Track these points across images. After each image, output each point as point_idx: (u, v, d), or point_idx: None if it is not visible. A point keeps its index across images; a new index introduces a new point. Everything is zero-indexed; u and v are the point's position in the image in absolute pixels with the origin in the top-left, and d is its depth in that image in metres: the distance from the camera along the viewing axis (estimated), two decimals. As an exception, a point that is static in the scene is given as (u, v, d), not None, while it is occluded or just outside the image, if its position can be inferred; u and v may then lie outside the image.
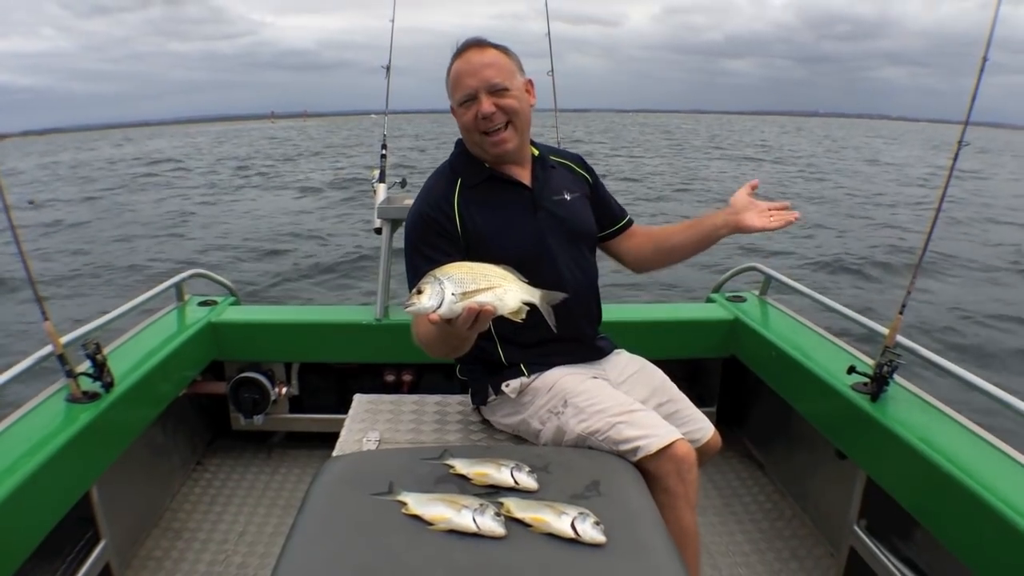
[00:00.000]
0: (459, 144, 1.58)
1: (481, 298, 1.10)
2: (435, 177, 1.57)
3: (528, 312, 1.17)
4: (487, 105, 1.42)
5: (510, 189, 1.53)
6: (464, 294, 1.10)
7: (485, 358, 1.56)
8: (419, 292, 1.10)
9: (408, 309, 1.11)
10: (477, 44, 1.45)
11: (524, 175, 1.55)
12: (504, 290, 1.14)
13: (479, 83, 1.41)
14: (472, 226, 1.47)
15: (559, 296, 1.25)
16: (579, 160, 1.71)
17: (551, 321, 1.24)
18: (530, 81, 1.52)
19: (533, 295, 1.19)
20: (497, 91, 1.42)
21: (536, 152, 1.60)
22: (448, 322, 1.11)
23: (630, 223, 1.74)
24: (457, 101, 1.46)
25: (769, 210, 1.49)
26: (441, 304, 1.09)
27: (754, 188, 1.55)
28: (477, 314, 1.10)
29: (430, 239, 1.46)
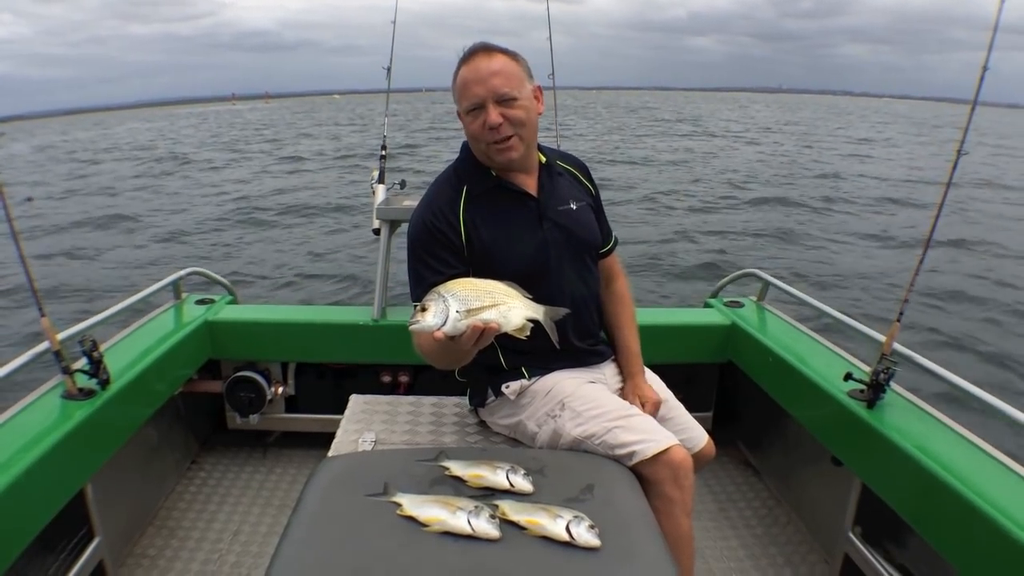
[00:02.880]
0: (464, 149, 1.55)
1: (485, 315, 1.11)
2: (439, 183, 1.54)
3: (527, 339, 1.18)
4: (494, 116, 1.38)
5: (516, 199, 1.50)
6: (468, 311, 1.10)
7: (486, 362, 1.55)
8: (423, 310, 1.10)
9: (413, 328, 1.11)
10: (485, 50, 1.41)
11: (530, 183, 1.53)
12: (508, 307, 1.14)
13: (487, 92, 1.38)
14: (477, 237, 1.45)
15: (562, 312, 1.26)
16: (584, 169, 1.68)
17: (554, 337, 1.26)
18: (539, 88, 1.49)
19: (537, 312, 1.19)
20: (505, 101, 1.39)
21: (543, 159, 1.56)
22: (452, 339, 1.11)
23: (613, 248, 1.72)
24: (464, 109, 1.42)
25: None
26: (446, 322, 1.09)
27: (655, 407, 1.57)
28: (481, 331, 1.10)
29: (433, 249, 1.44)
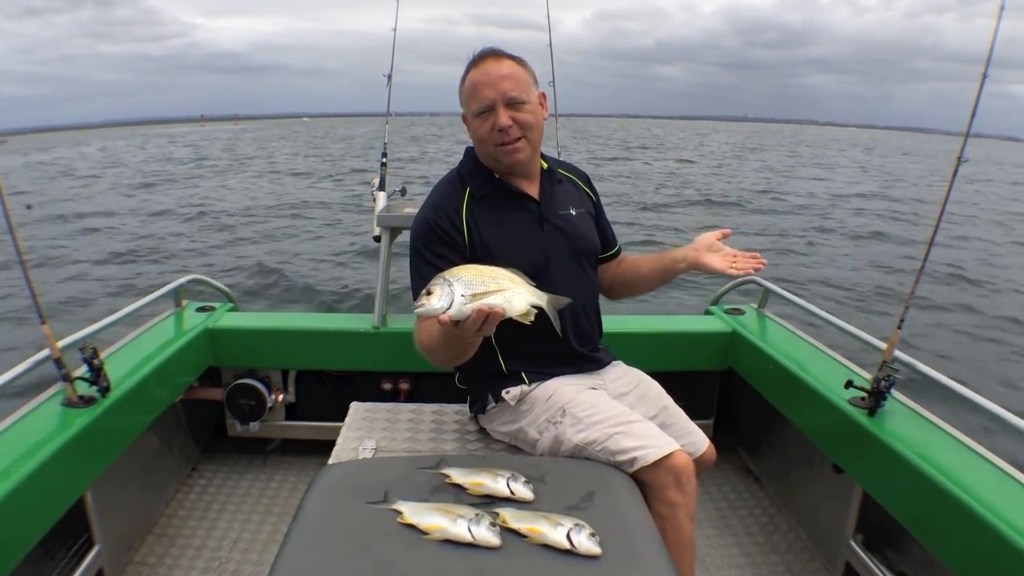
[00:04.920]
0: (468, 152, 1.58)
1: (490, 300, 1.11)
2: (443, 185, 1.57)
3: (530, 325, 1.18)
4: (504, 118, 1.41)
5: (518, 202, 1.53)
6: (473, 296, 1.11)
7: (486, 368, 1.56)
8: (428, 293, 1.11)
9: (418, 310, 1.12)
10: (494, 54, 1.44)
11: (532, 188, 1.56)
12: (513, 293, 1.15)
13: (497, 95, 1.41)
14: (478, 238, 1.47)
15: (565, 300, 1.28)
16: (585, 178, 1.72)
17: (556, 324, 1.27)
18: (543, 94, 1.51)
19: (541, 298, 1.21)
20: (514, 104, 1.42)
21: (545, 165, 1.59)
22: (456, 324, 1.12)
23: (619, 252, 1.75)
24: (474, 112, 1.45)
25: (735, 256, 1.47)
26: (451, 305, 1.10)
27: (724, 236, 1.52)
28: (486, 316, 1.11)
29: (435, 247, 1.46)
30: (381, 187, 2.57)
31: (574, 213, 1.59)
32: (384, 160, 2.68)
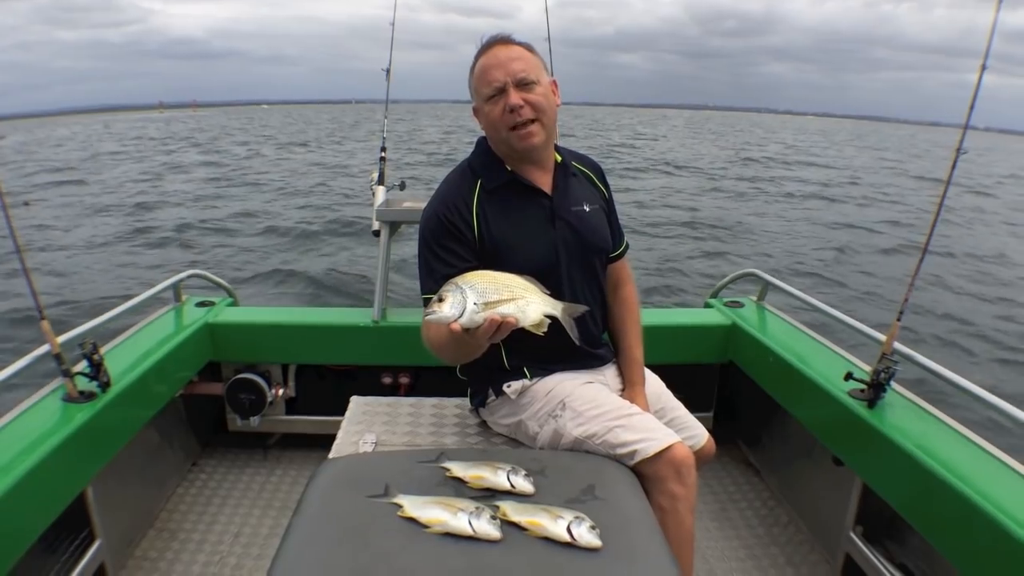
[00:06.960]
0: (480, 143, 1.55)
1: (503, 309, 1.10)
2: (453, 177, 1.53)
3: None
4: (515, 97, 1.38)
5: (530, 196, 1.50)
6: (486, 304, 1.09)
7: (488, 362, 1.54)
8: (440, 300, 1.09)
9: (429, 318, 1.10)
10: (503, 40, 1.43)
11: (545, 181, 1.52)
12: (526, 302, 1.13)
13: (507, 76, 1.39)
14: (488, 233, 1.45)
15: (581, 309, 1.27)
16: (599, 171, 1.67)
17: (573, 334, 1.26)
18: (554, 82, 1.49)
19: (555, 308, 1.19)
20: (525, 85, 1.39)
21: (559, 158, 1.56)
22: (467, 331, 1.11)
23: (622, 255, 1.70)
24: (484, 96, 1.42)
25: None
26: (462, 314, 1.08)
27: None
28: (498, 325, 1.10)
29: (445, 242, 1.44)
30: (380, 181, 2.56)
31: (587, 209, 1.55)
32: (383, 155, 2.67)
